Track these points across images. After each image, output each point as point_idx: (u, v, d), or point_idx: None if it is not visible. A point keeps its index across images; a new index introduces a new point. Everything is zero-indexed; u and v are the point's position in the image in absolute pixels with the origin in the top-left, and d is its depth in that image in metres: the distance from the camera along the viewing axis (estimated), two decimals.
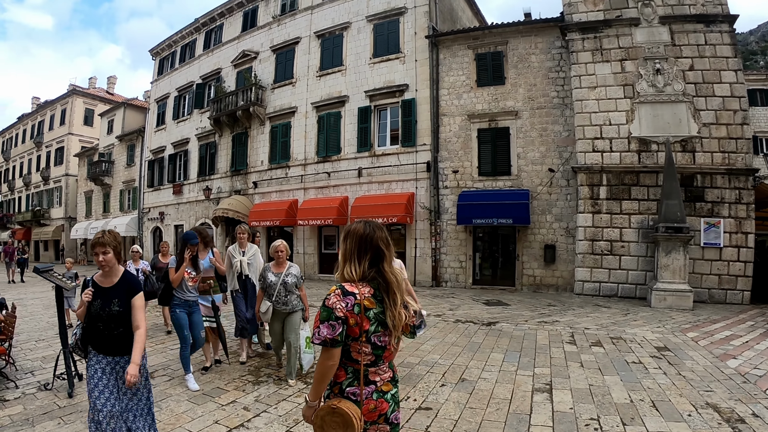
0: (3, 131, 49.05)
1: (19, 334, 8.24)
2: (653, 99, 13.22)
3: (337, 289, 2.00)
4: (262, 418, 4.40)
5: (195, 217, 24.31)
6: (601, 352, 6.67)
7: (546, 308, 11.08)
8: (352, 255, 2.09)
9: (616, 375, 5.53)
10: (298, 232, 19.26)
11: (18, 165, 45.01)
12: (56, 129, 39.38)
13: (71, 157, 37.39)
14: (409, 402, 4.80)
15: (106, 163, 32.15)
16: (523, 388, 5.17)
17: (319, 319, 1.96)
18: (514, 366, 6.05)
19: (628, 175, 13.25)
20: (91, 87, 41.65)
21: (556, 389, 5.09)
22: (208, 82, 24.07)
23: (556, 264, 14.52)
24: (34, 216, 39.67)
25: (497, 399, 4.83)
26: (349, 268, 2.08)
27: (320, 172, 18.70)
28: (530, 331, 8.29)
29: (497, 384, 5.32)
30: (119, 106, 32.90)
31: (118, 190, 31.55)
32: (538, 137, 14.97)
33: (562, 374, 5.64)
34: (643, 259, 12.86)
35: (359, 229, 2.12)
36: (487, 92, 15.79)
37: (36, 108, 43.83)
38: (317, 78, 19.22)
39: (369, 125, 17.56)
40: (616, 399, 4.74)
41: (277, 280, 5.45)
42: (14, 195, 45.61)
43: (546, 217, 14.70)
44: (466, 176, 15.82)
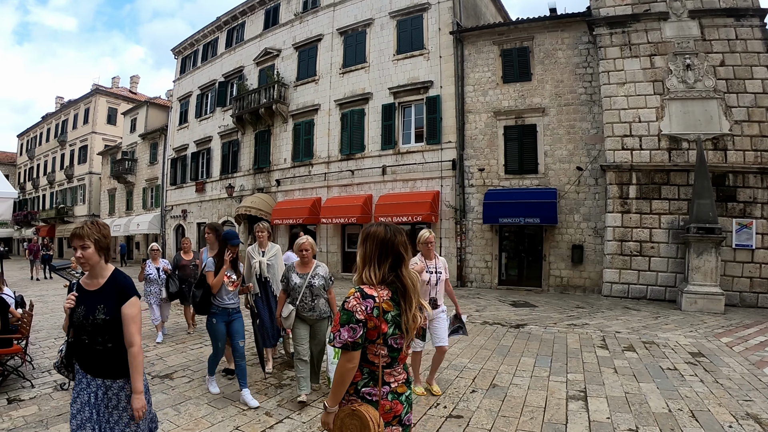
0: (27, 130, 50.03)
1: (39, 331, 8.31)
2: (683, 95, 12.85)
3: (356, 292, 2.02)
4: (285, 425, 4.28)
5: (218, 215, 24.46)
6: (634, 358, 6.49)
7: (574, 310, 10.85)
8: (372, 259, 2.10)
9: (651, 382, 5.34)
10: (321, 230, 19.20)
11: (42, 163, 45.88)
12: (80, 128, 40.01)
13: (95, 155, 37.99)
14: (439, 409, 4.66)
15: (129, 161, 32.57)
16: (557, 395, 5.00)
17: (339, 322, 1.99)
18: (546, 371, 5.89)
19: (658, 174, 12.90)
20: (114, 86, 42.22)
21: (591, 397, 4.92)
22: (230, 81, 24.17)
23: (583, 265, 14.22)
24: (58, 213, 40.35)
25: (531, 407, 4.67)
26: (369, 271, 2.10)
27: (344, 170, 18.60)
28: (560, 334, 8.11)
29: (530, 390, 5.17)
30: (142, 105, 33.28)
31: (141, 188, 31.95)
32: (565, 135, 14.67)
33: (596, 381, 5.47)
34: (673, 260, 12.52)
35: (380, 233, 2.11)
36: (513, 89, 15.53)
37: (60, 107, 44.58)
38: (340, 75, 19.13)
39: (393, 122, 17.42)
40: (653, 408, 4.57)
41: (302, 283, 4.82)
42: (39, 193, 46.50)
43: (573, 216, 14.40)
44: (492, 174, 15.58)
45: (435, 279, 5.01)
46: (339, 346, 1.98)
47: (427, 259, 5.04)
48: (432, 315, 4.98)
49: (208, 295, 4.88)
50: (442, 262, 5.18)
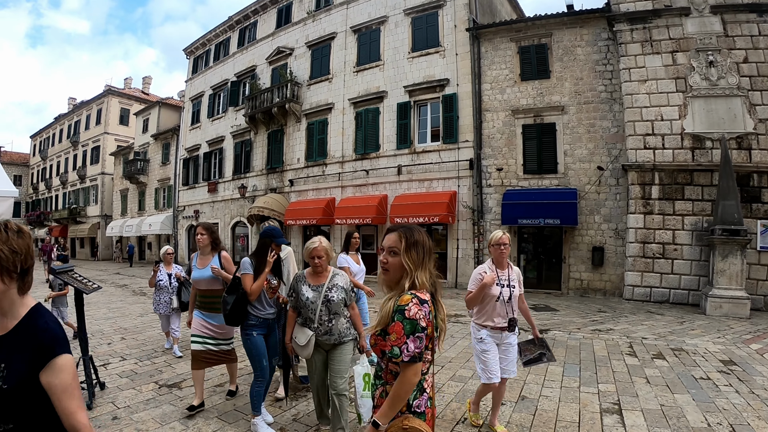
0: (40, 131, 50.47)
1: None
2: (707, 93, 12.50)
3: (413, 299, 1.94)
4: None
5: (230, 216, 24.39)
6: (665, 366, 6.22)
7: (597, 315, 10.58)
8: (423, 263, 2.05)
9: (686, 393, 5.07)
10: (335, 231, 18.99)
11: (55, 164, 46.20)
12: (92, 128, 40.20)
13: (107, 155, 38.16)
14: (467, 425, 4.38)
15: (142, 161, 32.65)
16: (590, 408, 4.74)
17: (403, 332, 1.89)
18: (576, 381, 5.63)
19: (681, 174, 12.54)
20: (127, 87, 42.39)
21: (625, 410, 4.66)
22: (242, 80, 24.07)
23: (604, 267, 13.87)
24: (70, 214, 40.59)
25: (564, 422, 4.40)
26: (422, 276, 2.03)
27: (358, 169, 18.39)
28: (585, 340, 7.85)
29: (561, 403, 4.90)
30: (154, 106, 33.33)
31: (153, 188, 32.02)
32: (585, 133, 14.33)
33: (628, 392, 5.20)
34: (696, 263, 12.16)
35: (424, 238, 2.09)
36: (531, 86, 15.21)
37: (72, 108, 44.86)
38: (354, 73, 18.92)
39: (408, 121, 17.17)
40: (692, 422, 4.31)
41: (316, 297, 3.71)
42: (51, 193, 46.84)
43: (594, 217, 14.06)
44: (510, 174, 15.28)
45: (508, 294, 3.95)
46: (407, 360, 1.88)
47: (498, 268, 4.01)
48: (502, 338, 4.04)
49: (243, 304, 4.07)
50: (516, 274, 4.13)
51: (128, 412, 4.56)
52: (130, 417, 4.44)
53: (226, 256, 4.86)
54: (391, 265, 2.06)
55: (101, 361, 6.37)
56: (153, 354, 6.96)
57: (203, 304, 4.68)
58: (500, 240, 3.95)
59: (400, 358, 1.88)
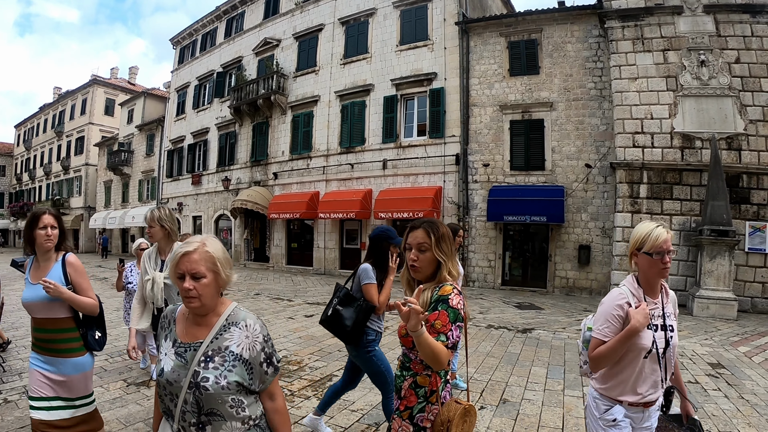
0: (25, 121, 49.59)
1: (18, 328, 7.77)
2: (697, 92, 12.39)
3: (453, 289, 1.96)
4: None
5: (213, 209, 24.03)
6: None
7: (582, 314, 10.41)
8: (452, 254, 2.08)
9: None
10: (319, 225, 18.74)
11: (39, 154, 45.39)
12: (77, 119, 39.51)
13: (91, 146, 37.49)
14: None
15: (126, 152, 32.11)
16: (574, 413, 4.53)
17: (448, 320, 1.89)
18: (560, 384, 5.42)
19: (670, 173, 12.43)
20: (113, 77, 41.71)
21: None
22: (228, 71, 23.68)
23: (590, 266, 13.74)
24: (53, 205, 39.62)
25: (547, 428, 4.19)
26: (454, 267, 2.06)
27: (343, 163, 18.14)
28: (570, 341, 7.66)
29: (544, 407, 4.67)
30: (139, 96, 32.78)
31: (137, 179, 31.50)
32: (574, 130, 14.17)
33: None
34: (684, 263, 12.06)
35: (447, 231, 2.10)
36: (520, 82, 14.99)
37: (57, 98, 44.07)
38: (341, 66, 18.61)
39: (395, 115, 16.89)
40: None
41: (179, 371, 1.64)
42: (35, 184, 46.04)
43: (581, 215, 13.91)
44: (497, 170, 15.06)
45: (663, 341, 2.23)
46: (450, 347, 1.86)
47: (648, 294, 2.26)
48: (643, 419, 2.32)
49: (366, 319, 3.48)
50: (673, 301, 2.36)
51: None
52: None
53: (73, 262, 2.99)
54: (421, 261, 2.05)
55: None
56: (124, 350, 6.53)
57: (40, 342, 2.90)
58: (665, 245, 2.13)
59: (445, 343, 1.85)
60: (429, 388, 2.00)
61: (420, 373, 2.02)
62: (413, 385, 2.03)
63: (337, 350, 6.83)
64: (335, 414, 4.44)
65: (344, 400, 4.83)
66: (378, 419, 4.33)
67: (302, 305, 10.93)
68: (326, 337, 7.66)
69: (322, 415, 3.85)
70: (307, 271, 19.15)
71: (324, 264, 18.69)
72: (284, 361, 6.22)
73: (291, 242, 20.46)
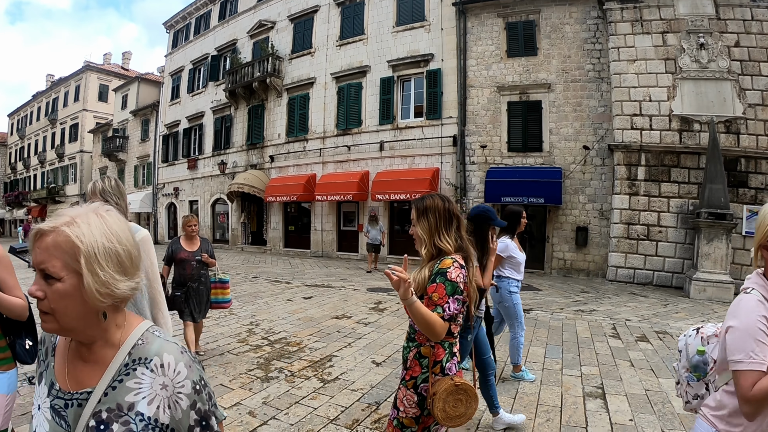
0: (18, 109, 49.05)
1: None
2: (696, 75, 12.36)
3: (453, 262, 2.00)
4: (271, 428, 3.76)
5: (210, 193, 23.92)
6: (649, 349, 6.09)
7: (580, 295, 10.47)
8: (438, 228, 2.08)
9: (671, 378, 4.89)
10: (316, 208, 18.69)
11: (33, 143, 45.00)
12: (70, 105, 39.10)
13: (86, 133, 37.19)
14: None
15: (121, 138, 31.83)
16: (572, 392, 4.56)
17: (445, 293, 1.94)
18: (558, 363, 5.47)
19: (668, 156, 12.44)
20: (106, 63, 41.21)
21: (609, 394, 4.50)
22: (223, 54, 23.40)
23: (588, 247, 13.74)
24: (49, 193, 39.62)
25: (546, 406, 4.22)
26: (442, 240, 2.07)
27: (340, 145, 18.02)
28: (568, 321, 7.71)
29: (543, 386, 4.71)
30: (133, 81, 32.41)
31: (133, 165, 31.29)
32: (572, 112, 14.07)
33: (612, 375, 5.06)
34: (681, 246, 12.12)
35: (438, 204, 2.11)
36: (518, 63, 14.85)
37: (50, 85, 43.56)
38: (337, 48, 18.42)
39: (392, 97, 16.76)
40: (677, 408, 4.14)
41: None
42: (29, 173, 45.69)
43: (579, 197, 13.87)
44: (494, 152, 14.98)
45: None
46: (447, 319, 1.93)
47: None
48: None
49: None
50: None
51: None
52: None
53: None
54: (417, 235, 2.14)
55: None
56: None
57: None
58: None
59: (441, 315, 1.91)
60: (432, 359, 2.04)
61: (423, 344, 2.06)
62: (417, 356, 2.09)
63: (336, 331, 6.84)
64: (335, 394, 4.45)
65: (344, 380, 4.85)
66: (378, 398, 4.34)
67: (300, 287, 10.92)
68: (325, 318, 7.69)
69: (499, 411, 3.70)
70: (304, 253, 19.10)
71: (321, 246, 18.65)
72: (283, 342, 6.22)
73: (288, 225, 20.40)
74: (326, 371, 5.10)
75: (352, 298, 9.53)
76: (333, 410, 4.11)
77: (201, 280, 5.43)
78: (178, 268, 5.37)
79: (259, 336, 6.53)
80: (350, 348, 6.03)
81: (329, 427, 3.79)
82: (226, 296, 5.84)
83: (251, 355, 5.64)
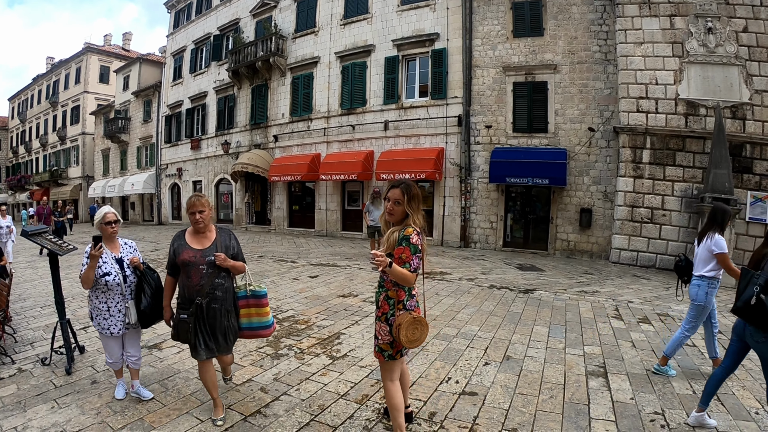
0: (18, 93, 48.78)
1: (25, 299, 7.78)
2: (703, 60, 12.27)
3: (414, 231, 2.79)
4: (283, 403, 3.84)
5: (213, 173, 23.89)
6: (651, 331, 6.18)
7: (583, 276, 10.52)
8: (418, 210, 2.90)
9: (672, 359, 4.94)
10: (320, 187, 18.66)
11: (34, 126, 44.83)
12: (71, 88, 38.83)
13: (87, 115, 37.01)
14: (451, 384, 4.23)
15: (123, 120, 31.69)
16: (575, 370, 4.65)
17: (410, 252, 2.74)
18: (561, 342, 5.55)
19: (673, 140, 12.41)
20: (107, 44, 40.86)
21: (611, 373, 4.59)
22: (226, 34, 23.18)
23: (591, 229, 13.75)
24: (51, 176, 39.59)
25: (549, 383, 4.31)
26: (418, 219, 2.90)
27: (344, 125, 17.93)
28: (571, 301, 7.77)
29: (546, 364, 4.81)
30: (135, 62, 32.16)
31: (135, 147, 31.18)
32: (577, 93, 13.99)
33: (614, 355, 5.15)
34: (684, 229, 12.14)
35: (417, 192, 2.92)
36: (523, 44, 14.72)
37: (50, 68, 43.21)
38: (341, 26, 18.22)
39: (396, 76, 16.62)
40: (677, 389, 4.24)
41: None
42: (31, 156, 45.60)
43: (583, 179, 13.85)
44: (499, 132, 14.92)
45: None
46: (412, 271, 2.73)
47: None
48: None
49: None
50: None
51: (107, 376, 4.35)
52: (109, 381, 4.24)
53: None
54: (396, 211, 2.88)
55: (81, 324, 6.04)
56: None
57: None
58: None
59: (409, 269, 2.71)
60: (396, 299, 2.90)
61: (390, 289, 2.92)
62: (386, 298, 2.94)
63: (343, 309, 6.91)
64: (345, 370, 4.53)
65: (353, 357, 4.92)
66: None
67: (306, 266, 10.97)
68: (331, 297, 7.75)
69: (705, 408, 3.57)
70: (309, 233, 19.15)
71: (326, 226, 18.68)
72: (292, 320, 6.28)
73: (292, 205, 20.39)
74: (335, 348, 5.17)
75: (357, 277, 9.57)
76: (343, 386, 4.19)
77: (216, 294, 3.44)
78: (182, 277, 3.50)
79: None
80: (357, 326, 6.09)
81: (340, 402, 3.85)
82: (265, 319, 3.73)
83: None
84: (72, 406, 3.71)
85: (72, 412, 3.61)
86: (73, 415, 3.55)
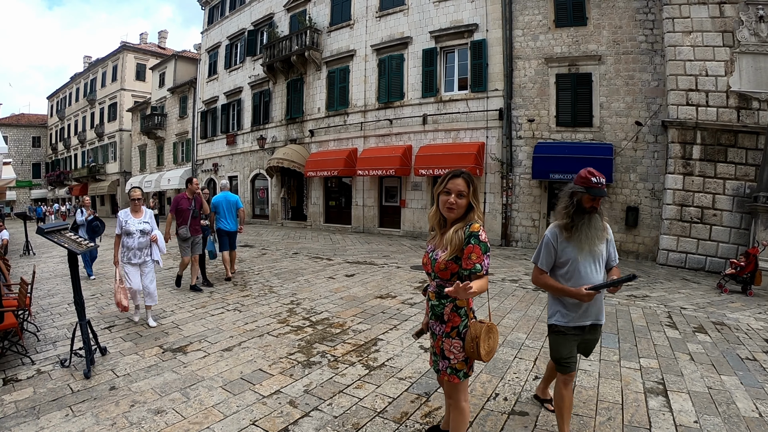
0: (57, 91, 50.40)
1: (53, 295, 7.79)
2: (755, 50, 11.56)
3: (481, 227, 2.44)
4: (313, 420, 3.51)
5: (249, 168, 24.10)
6: (708, 342, 5.69)
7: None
8: (480, 202, 2.58)
9: (733, 375, 4.57)
10: (357, 183, 18.58)
11: (73, 123, 46.23)
12: (108, 85, 39.86)
13: (124, 112, 37.97)
14: (499, 402, 3.87)
15: (159, 116, 32.31)
16: (632, 387, 4.24)
17: (482, 252, 2.39)
18: (616, 353, 5.11)
19: (724, 135, 11.75)
20: (143, 42, 41.74)
21: (671, 391, 4.16)
22: (260, 29, 23.27)
23: (638, 228, 13.22)
24: (89, 172, 40.76)
25: (606, 402, 3.92)
26: (480, 211, 2.55)
27: (381, 119, 17.76)
28: (621, 307, 7.30)
29: (601, 379, 4.39)
30: (170, 59, 32.71)
31: (172, 142, 31.75)
32: (623, 86, 13.43)
33: (672, 369, 4.69)
34: (736, 230, 11.51)
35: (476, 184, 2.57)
36: (566, 34, 14.23)
37: (88, 66, 44.44)
38: (377, 19, 18.03)
39: (435, 68, 16.34)
40: (743, 411, 3.81)
41: None
42: (70, 153, 47.04)
43: (630, 175, 13.30)
44: (542, 126, 14.50)
45: None
46: (485, 273, 2.39)
47: None
48: None
49: None
50: None
51: (127, 381, 4.20)
52: (128, 387, 4.09)
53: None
54: (458, 205, 2.48)
55: (107, 323, 6.01)
56: (161, 314, 6.45)
57: None
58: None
59: (482, 272, 2.37)
60: (467, 307, 2.57)
61: (455, 298, 2.47)
62: (454, 309, 2.56)
63: (380, 312, 6.63)
64: (382, 383, 4.22)
65: (391, 367, 4.61)
66: (428, 389, 4.09)
67: (342, 264, 10.78)
68: (368, 298, 7.51)
69: None
70: (345, 229, 19.11)
71: (363, 222, 18.60)
72: (326, 323, 6.04)
73: (329, 200, 20.38)
74: (371, 356, 4.86)
75: (395, 277, 9.32)
76: (380, 401, 3.85)
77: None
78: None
79: (300, 316, 6.36)
80: (396, 331, 5.76)
81: (376, 421, 3.51)
82: None
83: (292, 337, 5.46)
84: (87, 414, 3.56)
85: (86, 421, 3.45)
86: (87, 425, 3.38)
